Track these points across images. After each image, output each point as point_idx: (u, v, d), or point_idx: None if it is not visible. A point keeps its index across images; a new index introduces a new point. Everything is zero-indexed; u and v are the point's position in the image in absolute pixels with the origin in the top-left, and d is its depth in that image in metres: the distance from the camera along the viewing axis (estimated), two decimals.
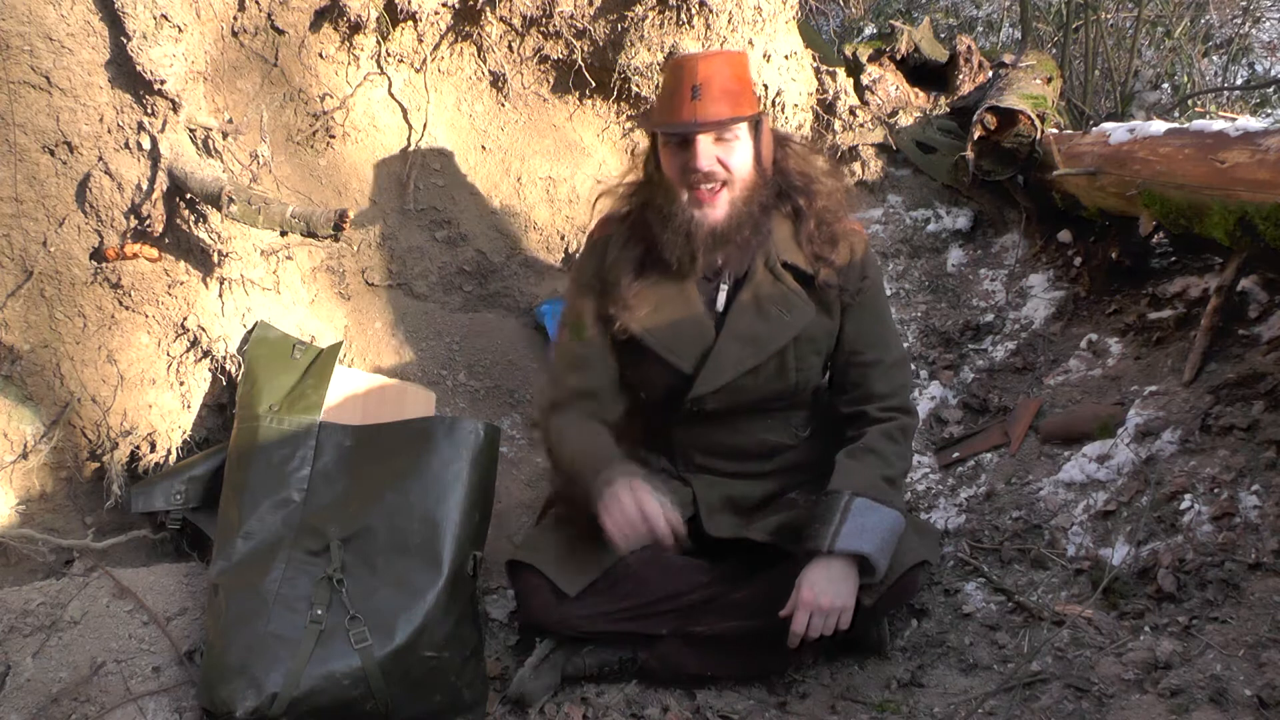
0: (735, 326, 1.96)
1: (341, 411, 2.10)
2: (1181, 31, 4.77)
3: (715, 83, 1.83)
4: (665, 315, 1.97)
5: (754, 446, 2.06)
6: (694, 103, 1.83)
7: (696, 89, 1.82)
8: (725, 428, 2.04)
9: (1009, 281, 2.97)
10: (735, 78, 1.87)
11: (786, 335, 1.96)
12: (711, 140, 1.85)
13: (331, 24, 2.42)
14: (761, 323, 1.95)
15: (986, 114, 2.95)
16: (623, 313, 1.97)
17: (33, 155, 1.96)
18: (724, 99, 1.84)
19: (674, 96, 1.85)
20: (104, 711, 1.80)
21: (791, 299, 1.96)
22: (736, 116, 1.85)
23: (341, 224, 1.89)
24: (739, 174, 1.88)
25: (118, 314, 2.11)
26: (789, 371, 2.00)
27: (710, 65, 1.85)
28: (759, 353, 1.96)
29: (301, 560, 1.91)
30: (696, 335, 1.97)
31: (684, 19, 2.70)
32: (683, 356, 1.97)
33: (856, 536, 1.83)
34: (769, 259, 1.95)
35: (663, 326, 1.97)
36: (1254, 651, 1.68)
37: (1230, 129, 2.19)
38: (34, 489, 2.15)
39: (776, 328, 1.95)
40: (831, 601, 1.81)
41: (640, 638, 1.95)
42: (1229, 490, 1.95)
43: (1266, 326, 2.22)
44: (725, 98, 1.84)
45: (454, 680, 1.90)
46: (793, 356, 1.98)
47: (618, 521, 1.79)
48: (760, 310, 1.95)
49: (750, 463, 2.07)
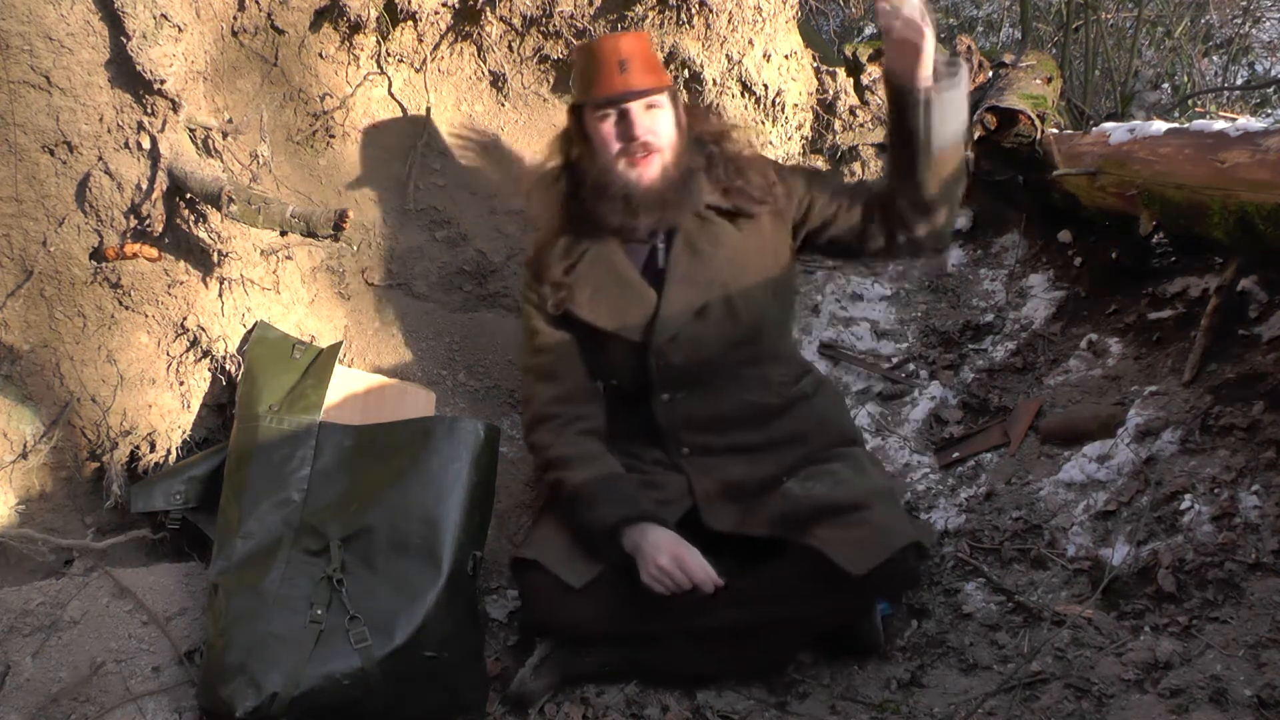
0: (675, 272, 2.06)
1: (341, 411, 2.10)
2: (1181, 31, 4.77)
3: (637, 57, 1.99)
4: (604, 292, 2.08)
5: (739, 411, 2.08)
6: (623, 75, 1.97)
7: (624, 63, 1.97)
8: (704, 395, 2.07)
9: (1009, 281, 2.97)
10: (651, 53, 2.05)
11: (724, 267, 2.06)
12: (643, 108, 2.00)
13: (331, 24, 2.42)
14: (696, 263, 2.06)
15: (986, 114, 2.95)
16: (563, 294, 2.09)
17: (32, 155, 1.96)
18: (648, 72, 2.00)
19: (601, 72, 1.99)
20: (104, 711, 1.80)
21: (718, 233, 2.08)
22: (662, 85, 2.02)
23: (341, 224, 1.90)
24: (666, 139, 2.02)
25: (117, 314, 2.11)
26: (739, 311, 2.06)
27: (630, 43, 2.01)
28: (704, 290, 2.05)
29: (301, 560, 1.91)
30: (637, 300, 2.06)
31: (684, 19, 2.70)
32: (630, 326, 2.06)
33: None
34: (696, 209, 2.07)
35: (605, 302, 2.07)
36: (1254, 651, 1.68)
37: (1230, 129, 2.19)
38: (34, 489, 2.15)
39: (710, 262, 2.06)
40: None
41: (641, 637, 1.95)
42: (1229, 490, 1.95)
43: (1266, 326, 2.22)
44: (649, 70, 2.01)
45: (454, 680, 1.90)
46: (738, 293, 2.06)
47: (659, 579, 1.89)
48: (694, 251, 2.06)
49: (741, 432, 2.08)
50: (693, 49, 2.75)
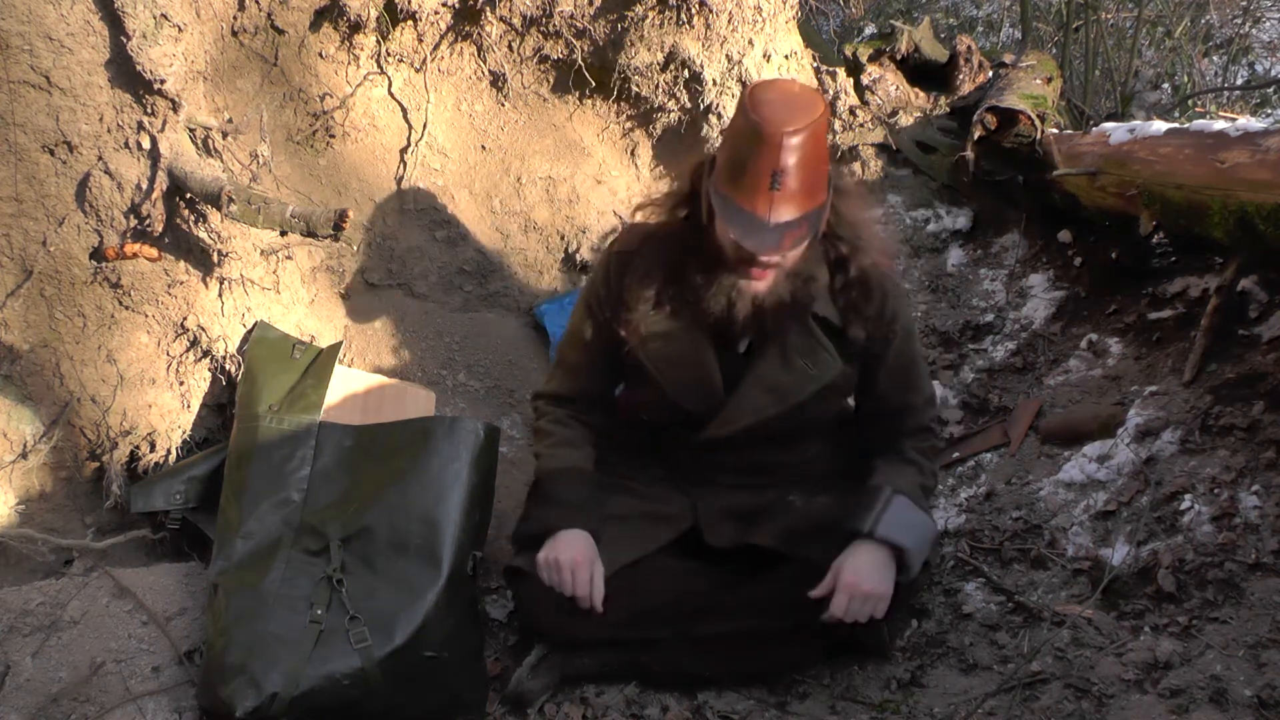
0: (759, 375, 1.92)
1: (341, 411, 2.10)
2: (1181, 31, 4.77)
3: (798, 169, 1.66)
4: (676, 357, 1.93)
5: (759, 466, 2.07)
6: (771, 193, 1.66)
7: (778, 177, 1.64)
8: (730, 454, 2.04)
9: (1009, 281, 2.97)
10: (817, 156, 1.70)
11: (810, 389, 1.93)
12: None
13: (331, 24, 2.42)
14: (786, 374, 1.92)
15: (986, 114, 2.95)
16: (634, 337, 1.94)
17: (32, 155, 1.96)
18: (802, 192, 1.68)
19: (749, 173, 1.67)
20: (104, 711, 1.80)
21: (819, 353, 1.91)
22: (814, 208, 1.72)
23: (341, 224, 1.90)
24: (794, 256, 1.81)
25: (117, 314, 2.11)
26: (805, 414, 1.99)
27: (796, 148, 1.64)
28: (779, 403, 1.94)
29: (301, 560, 1.91)
30: (705, 383, 1.95)
31: (684, 19, 2.70)
32: (689, 400, 1.97)
33: (898, 528, 1.84)
34: (803, 319, 1.89)
35: (673, 368, 1.95)
36: (1254, 651, 1.68)
37: (1230, 129, 2.19)
38: (34, 489, 2.15)
39: (801, 380, 1.92)
40: (873, 587, 1.81)
41: (640, 641, 1.95)
42: (1229, 490, 1.95)
43: (1266, 326, 2.21)
44: (804, 190, 1.68)
45: (454, 680, 1.90)
46: (811, 404, 1.96)
47: (547, 570, 1.88)
48: (785, 361, 1.91)
49: (752, 478, 2.07)
50: (693, 49, 2.75)
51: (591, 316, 2.02)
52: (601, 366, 2.05)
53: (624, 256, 1.97)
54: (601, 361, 2.04)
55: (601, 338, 2.00)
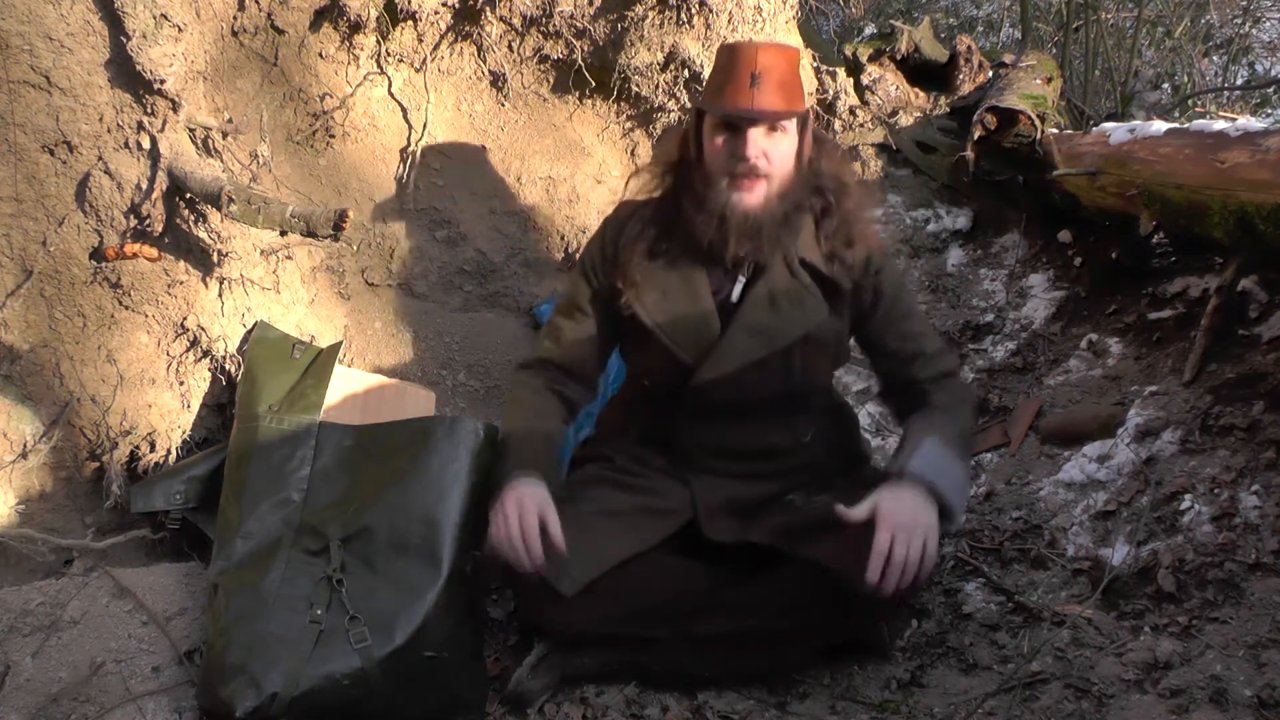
0: (747, 318, 1.96)
1: (341, 411, 2.10)
2: (1181, 31, 4.77)
3: (774, 73, 1.83)
4: (672, 304, 1.98)
5: (756, 447, 2.06)
6: (752, 90, 1.82)
7: (755, 77, 1.81)
8: (728, 426, 2.04)
9: (1009, 281, 2.97)
10: (791, 71, 1.87)
11: (796, 331, 1.97)
12: (763, 132, 1.85)
13: (331, 24, 2.42)
14: (773, 316, 1.96)
15: (986, 114, 2.95)
16: (629, 290, 1.99)
17: (32, 155, 1.96)
18: (780, 91, 1.84)
19: (731, 81, 1.84)
20: (104, 711, 1.80)
21: (805, 296, 1.96)
22: (791, 110, 1.86)
23: (341, 224, 1.90)
24: (779, 168, 1.89)
25: (117, 314, 2.11)
26: (794, 371, 2.00)
27: (769, 55, 1.84)
28: (767, 345, 1.97)
29: (301, 560, 1.91)
30: (701, 328, 1.98)
31: (684, 19, 2.70)
32: (685, 348, 1.98)
33: (930, 469, 1.81)
34: (788, 255, 1.95)
35: (669, 315, 1.98)
36: (1254, 651, 1.68)
37: (1230, 129, 2.19)
38: (34, 489, 2.15)
39: (786, 322, 1.96)
40: (913, 518, 1.72)
41: (639, 640, 1.95)
42: (1229, 490, 1.95)
43: (1266, 326, 2.22)
44: (781, 90, 1.84)
45: (454, 680, 1.90)
46: (799, 355, 1.99)
47: (498, 529, 1.81)
48: (773, 304, 1.96)
49: (751, 463, 2.07)
50: (693, 49, 2.75)
51: (586, 279, 2.06)
52: (592, 334, 2.06)
53: (618, 221, 2.05)
54: (593, 328, 2.05)
55: (597, 302, 2.04)
